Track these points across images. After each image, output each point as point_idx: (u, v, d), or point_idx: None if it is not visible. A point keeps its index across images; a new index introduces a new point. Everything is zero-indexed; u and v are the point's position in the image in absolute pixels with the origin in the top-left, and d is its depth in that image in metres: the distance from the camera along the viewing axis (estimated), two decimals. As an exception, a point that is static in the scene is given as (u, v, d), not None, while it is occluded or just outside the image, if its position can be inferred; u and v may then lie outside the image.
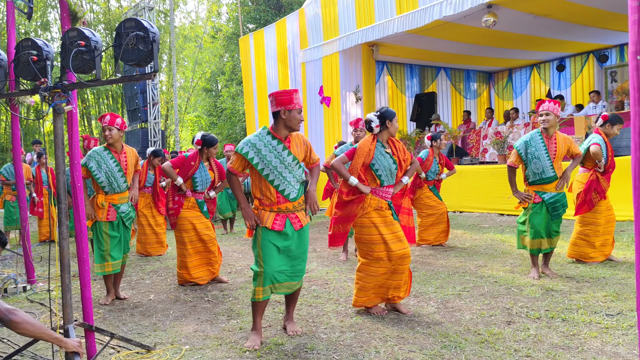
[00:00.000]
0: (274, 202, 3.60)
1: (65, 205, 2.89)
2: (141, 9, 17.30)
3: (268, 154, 3.54)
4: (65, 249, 2.89)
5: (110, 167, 4.82)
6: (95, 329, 3.22)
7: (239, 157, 3.59)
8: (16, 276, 5.74)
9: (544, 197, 4.95)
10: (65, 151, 2.92)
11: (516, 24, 10.40)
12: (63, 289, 2.92)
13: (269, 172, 3.55)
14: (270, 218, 3.60)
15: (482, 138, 11.22)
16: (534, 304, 4.23)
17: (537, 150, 4.92)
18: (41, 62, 2.89)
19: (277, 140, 3.59)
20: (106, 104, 24.26)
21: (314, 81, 13.44)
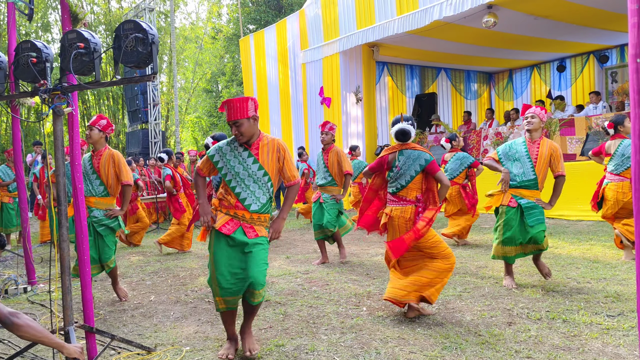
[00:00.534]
0: (232, 205, 3.39)
1: (65, 207, 2.87)
2: (142, 10, 17.32)
3: (232, 159, 3.39)
4: (66, 251, 2.88)
5: (86, 169, 4.77)
6: (95, 330, 3.22)
7: (205, 159, 3.54)
8: (17, 277, 5.74)
9: (520, 202, 4.69)
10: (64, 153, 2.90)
11: (516, 25, 10.41)
12: (63, 291, 2.90)
13: (231, 178, 3.39)
14: (223, 220, 3.37)
15: (483, 139, 11.22)
16: (535, 304, 4.22)
17: (517, 152, 4.77)
18: (41, 64, 2.88)
19: (244, 147, 3.41)
20: (107, 105, 24.26)
21: (314, 82, 13.45)
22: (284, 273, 5.94)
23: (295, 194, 3.57)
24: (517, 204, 4.70)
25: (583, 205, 7.97)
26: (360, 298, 4.72)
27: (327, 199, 6.38)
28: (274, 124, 15.36)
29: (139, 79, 2.81)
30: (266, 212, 3.46)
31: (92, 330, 3.20)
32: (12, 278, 5.71)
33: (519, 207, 4.70)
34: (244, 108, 3.32)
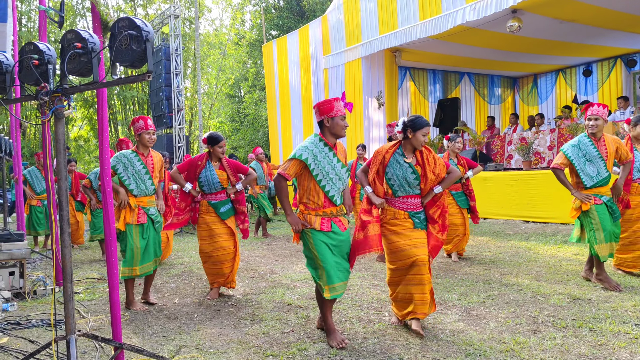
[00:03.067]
0: (320, 206, 3.69)
1: (67, 212, 2.82)
2: (167, 17, 17.59)
3: (322, 160, 3.65)
4: (68, 257, 2.82)
5: (137, 169, 4.87)
6: (101, 339, 3.10)
7: (295, 162, 3.65)
8: (45, 278, 5.88)
9: (603, 199, 4.86)
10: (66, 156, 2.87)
11: (541, 29, 10.29)
12: (65, 298, 2.83)
13: (322, 178, 3.66)
14: (318, 221, 3.67)
15: (507, 144, 11.10)
16: (561, 312, 4.16)
17: (588, 153, 4.86)
18: (42, 67, 2.80)
19: (329, 147, 3.70)
20: (132, 110, 24.69)
21: (336, 87, 13.48)
22: (306, 277, 5.96)
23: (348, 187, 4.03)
24: (602, 201, 4.86)
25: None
26: (383, 304, 4.71)
27: None
28: (296, 129, 15.43)
29: (134, 78, 2.71)
30: (342, 202, 3.88)
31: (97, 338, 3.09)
32: (40, 279, 5.85)
33: (604, 204, 4.86)
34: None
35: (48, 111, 2.77)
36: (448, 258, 6.72)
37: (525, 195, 9.13)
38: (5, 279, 5.53)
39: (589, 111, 4.90)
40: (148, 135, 4.88)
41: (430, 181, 3.88)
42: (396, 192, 3.90)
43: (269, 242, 9.26)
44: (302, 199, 3.74)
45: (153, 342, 3.91)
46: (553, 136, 10.17)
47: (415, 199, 3.91)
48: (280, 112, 16.18)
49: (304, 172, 3.70)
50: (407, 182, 3.84)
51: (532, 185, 9.04)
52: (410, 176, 3.83)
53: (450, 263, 6.43)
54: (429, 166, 3.89)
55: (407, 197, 3.89)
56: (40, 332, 4.30)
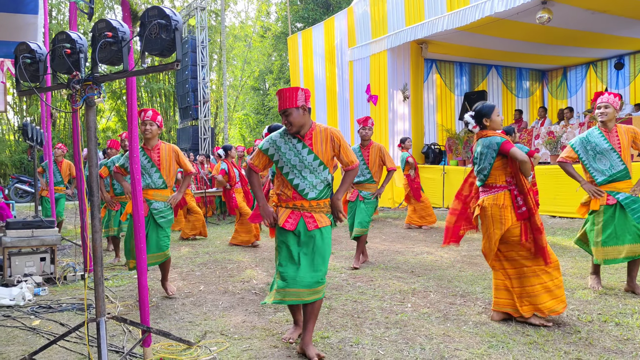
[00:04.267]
0: (290, 197, 3.43)
1: (97, 199, 2.89)
2: (193, 9, 17.75)
3: (287, 152, 3.39)
4: (98, 242, 2.89)
5: (142, 163, 4.84)
6: (129, 322, 3.21)
7: (258, 153, 3.50)
8: (75, 265, 6.04)
9: (618, 198, 4.43)
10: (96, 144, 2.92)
11: (572, 20, 10.07)
12: (95, 282, 2.91)
13: (288, 171, 3.40)
14: (284, 215, 3.41)
15: (535, 138, 10.92)
16: (586, 307, 4.11)
17: (598, 145, 4.50)
18: (74, 55, 2.84)
19: (297, 138, 3.41)
20: (159, 102, 25.02)
21: (361, 79, 13.44)
22: (329, 268, 5.99)
23: (353, 177, 3.56)
24: (616, 201, 4.45)
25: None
26: (405, 295, 4.72)
27: (367, 196, 6.12)
28: (320, 121, 15.40)
29: (162, 67, 2.73)
30: (325, 197, 3.48)
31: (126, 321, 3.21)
32: (70, 265, 6.01)
33: (617, 204, 4.44)
34: (293, 97, 3.32)
35: (79, 99, 2.84)
36: (471, 252, 6.68)
37: (552, 190, 8.99)
38: (36, 264, 5.71)
39: (599, 99, 4.57)
40: (143, 126, 4.83)
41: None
42: None
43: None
44: (276, 190, 3.54)
45: (179, 327, 3.99)
46: (582, 130, 9.96)
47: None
48: (307, 102, 16.20)
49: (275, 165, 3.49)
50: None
51: (559, 180, 8.88)
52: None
53: (474, 257, 6.39)
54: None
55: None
56: (70, 315, 4.43)
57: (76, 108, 2.95)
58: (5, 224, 5.91)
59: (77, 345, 3.61)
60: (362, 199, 6.14)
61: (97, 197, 2.89)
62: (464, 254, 6.59)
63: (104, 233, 7.72)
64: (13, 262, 5.61)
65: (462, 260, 6.21)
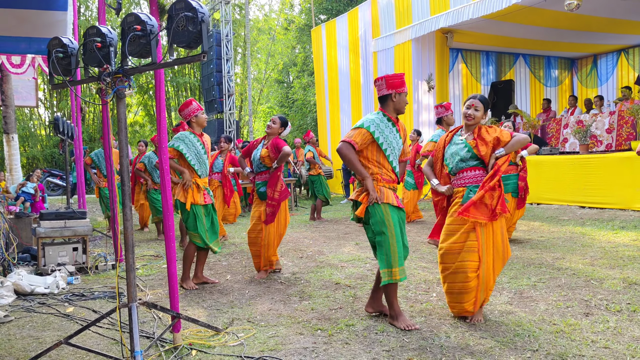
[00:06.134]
0: (392, 179, 3.72)
1: (128, 188, 2.97)
2: (218, 3, 17.86)
3: (390, 135, 3.66)
4: (129, 230, 2.97)
5: (198, 150, 5.00)
6: (160, 308, 3.31)
7: (362, 131, 3.61)
8: (106, 255, 6.20)
9: None
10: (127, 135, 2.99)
11: (602, 6, 9.82)
12: (127, 268, 3.01)
13: (390, 153, 3.67)
14: (391, 195, 3.67)
15: (563, 127, 10.72)
16: (615, 297, 4.06)
17: None
18: (105, 49, 2.92)
19: (392, 122, 3.70)
20: (185, 96, 25.32)
21: (385, 70, 13.35)
22: (353, 259, 6.02)
23: (404, 168, 4.00)
24: None
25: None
26: (430, 284, 4.73)
27: None
28: (344, 113, 15.43)
29: (190, 59, 2.78)
30: None
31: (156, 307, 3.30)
32: (102, 255, 6.18)
33: None
34: None
35: (110, 92, 2.92)
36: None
37: (581, 179, 8.83)
38: (69, 254, 5.88)
39: None
40: (204, 115, 5.04)
41: (484, 150, 3.72)
42: (451, 170, 3.84)
43: (317, 225, 9.38)
44: (373, 170, 3.65)
45: (207, 314, 4.08)
46: (612, 119, 9.75)
47: (471, 171, 3.76)
48: (329, 97, 16.20)
49: (370, 145, 3.64)
50: (460, 157, 3.74)
51: (588, 170, 8.73)
52: (462, 150, 3.74)
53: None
54: (482, 139, 3.76)
55: (463, 171, 3.77)
56: (102, 303, 4.57)
57: (107, 100, 3.04)
58: (39, 215, 6.10)
59: (110, 331, 3.73)
60: None
61: (128, 187, 2.98)
62: (490, 244, 6.54)
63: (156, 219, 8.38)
64: (47, 252, 5.79)
65: (488, 250, 6.17)
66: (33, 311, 4.34)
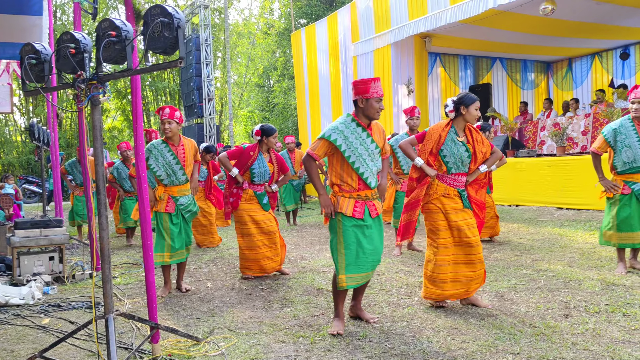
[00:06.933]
0: (355, 188, 3.62)
1: (104, 197, 2.90)
2: (197, 7, 17.76)
3: (355, 141, 3.58)
4: (105, 240, 2.90)
5: (167, 160, 4.90)
6: (137, 318, 3.24)
7: (324, 143, 3.61)
8: (83, 263, 6.08)
9: (633, 188, 4.67)
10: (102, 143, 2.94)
11: (576, 11, 10.00)
12: (103, 279, 2.93)
13: (355, 159, 3.58)
14: (350, 205, 3.60)
15: (540, 130, 10.88)
16: (594, 298, 4.11)
17: (627, 138, 4.66)
18: (79, 55, 2.86)
19: (362, 127, 3.62)
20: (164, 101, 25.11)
21: (365, 74, 13.40)
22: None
23: (389, 162, 4.01)
24: (631, 190, 4.69)
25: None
26: (412, 288, 4.73)
27: None
28: (325, 117, 15.44)
29: (166, 65, 2.75)
30: (377, 185, 3.78)
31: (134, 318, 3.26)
32: (79, 264, 6.06)
33: (633, 193, 4.68)
34: None
35: (84, 99, 2.86)
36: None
37: (559, 181, 8.96)
38: (45, 263, 5.76)
39: (634, 94, 4.71)
40: (162, 126, 4.88)
41: (479, 160, 4.06)
42: (450, 169, 4.02)
43: (299, 230, 9.35)
44: (335, 181, 3.67)
45: (187, 323, 4.02)
46: (587, 121, 9.92)
47: (461, 177, 4.06)
48: (310, 100, 16.20)
49: (335, 153, 3.63)
50: (461, 160, 3.99)
51: (565, 171, 8.86)
52: (464, 154, 3.99)
53: (480, 249, 6.38)
54: (478, 145, 4.06)
55: (458, 175, 4.04)
56: (79, 313, 4.47)
57: (81, 107, 2.97)
58: (14, 224, 5.96)
59: (87, 343, 3.65)
60: None
61: (104, 195, 2.92)
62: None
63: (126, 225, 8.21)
64: (22, 261, 5.66)
65: (469, 253, 6.21)
66: (7, 323, 4.23)
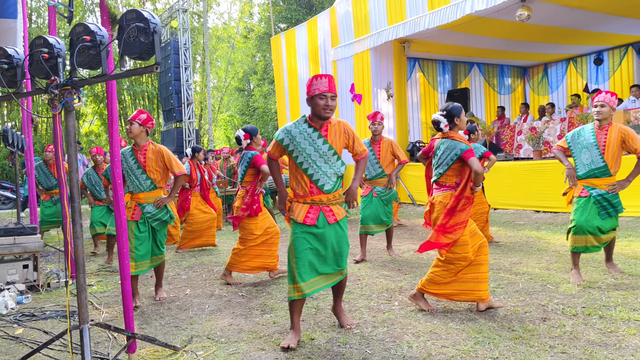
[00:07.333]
0: (308, 192, 3.52)
1: (78, 204, 2.85)
2: (175, 11, 17.63)
3: (302, 142, 3.48)
4: (80, 248, 2.85)
5: (130, 165, 4.75)
6: (113, 328, 3.17)
7: (274, 143, 3.60)
8: (59, 271, 5.96)
9: (591, 193, 4.67)
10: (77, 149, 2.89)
11: (551, 17, 10.18)
12: (78, 288, 2.87)
13: (303, 160, 3.49)
14: (303, 211, 3.51)
15: (517, 134, 11.02)
16: (571, 300, 4.16)
17: (585, 140, 4.75)
18: (52, 60, 2.81)
19: (313, 128, 3.51)
20: (142, 105, 24.83)
21: (345, 79, 13.46)
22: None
23: (365, 165, 3.76)
24: (589, 194, 4.71)
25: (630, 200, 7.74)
26: (392, 293, 4.73)
27: (382, 192, 6.27)
28: (305, 122, 15.44)
29: (142, 70, 2.72)
30: (338, 189, 3.62)
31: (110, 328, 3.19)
32: (54, 272, 5.93)
33: (590, 198, 4.70)
34: (335, 85, 3.49)
35: (58, 104, 2.80)
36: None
37: (536, 185, 9.08)
38: (19, 272, 5.62)
39: (596, 98, 4.80)
40: (135, 125, 4.72)
41: None
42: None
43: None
44: (291, 185, 3.62)
45: (165, 332, 3.96)
46: (563, 125, 10.09)
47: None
48: (290, 105, 16.18)
49: (289, 155, 3.56)
50: None
51: (542, 175, 8.99)
52: None
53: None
54: None
55: None
56: (54, 323, 4.37)
57: (55, 113, 2.91)
58: (-14, 231, 5.81)
59: (62, 354, 3.56)
60: (376, 195, 6.32)
61: (79, 203, 2.86)
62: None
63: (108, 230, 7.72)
64: (-5, 270, 5.51)
65: (448, 257, 6.25)
66: (-21, 334, 4.12)
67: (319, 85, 3.41)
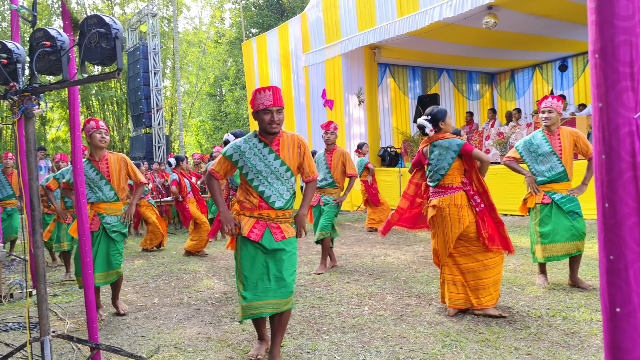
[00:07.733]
0: (256, 206, 3.29)
1: (38, 213, 2.77)
2: (144, 16, 17.42)
3: (252, 157, 3.26)
4: (40, 258, 2.77)
5: (90, 176, 4.58)
6: (76, 339, 3.07)
7: (221, 159, 3.34)
8: (22, 281, 5.80)
9: (553, 198, 4.64)
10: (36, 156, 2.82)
11: (517, 25, 10.43)
12: (39, 299, 2.77)
13: (254, 177, 3.27)
14: (249, 225, 3.26)
15: (485, 139, 11.22)
16: (536, 302, 4.24)
17: (540, 147, 4.69)
18: (11, 65, 2.73)
19: (264, 143, 3.29)
20: (111, 110, 24.42)
21: (316, 84, 13.50)
22: (287, 274, 5.96)
23: (314, 189, 3.50)
24: (551, 200, 4.66)
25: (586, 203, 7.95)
26: (362, 298, 4.75)
27: (328, 201, 6.16)
28: (277, 127, 15.40)
29: (104, 76, 2.64)
30: (290, 208, 3.37)
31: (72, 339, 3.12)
32: (17, 282, 5.77)
33: (553, 203, 4.66)
34: (281, 97, 3.25)
35: (17, 111, 2.73)
36: (427, 252, 6.78)
37: (503, 188, 9.24)
38: (-20, 282, 5.45)
39: (543, 104, 4.74)
40: (99, 135, 4.55)
41: None
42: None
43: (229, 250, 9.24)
44: (239, 198, 3.38)
45: (131, 342, 3.89)
46: (530, 130, 10.30)
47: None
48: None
49: (238, 170, 3.36)
50: None
51: (509, 179, 9.15)
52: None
53: (429, 257, 6.50)
54: None
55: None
56: (16, 335, 4.25)
57: (15, 119, 2.84)
58: (-56, 241, 5.62)
59: (23, 367, 3.46)
60: (322, 203, 6.17)
61: (39, 212, 2.78)
62: (421, 254, 6.69)
63: (55, 248, 7.25)
64: (-46, 281, 5.33)
65: (419, 261, 6.30)
66: None
67: (262, 99, 3.20)
